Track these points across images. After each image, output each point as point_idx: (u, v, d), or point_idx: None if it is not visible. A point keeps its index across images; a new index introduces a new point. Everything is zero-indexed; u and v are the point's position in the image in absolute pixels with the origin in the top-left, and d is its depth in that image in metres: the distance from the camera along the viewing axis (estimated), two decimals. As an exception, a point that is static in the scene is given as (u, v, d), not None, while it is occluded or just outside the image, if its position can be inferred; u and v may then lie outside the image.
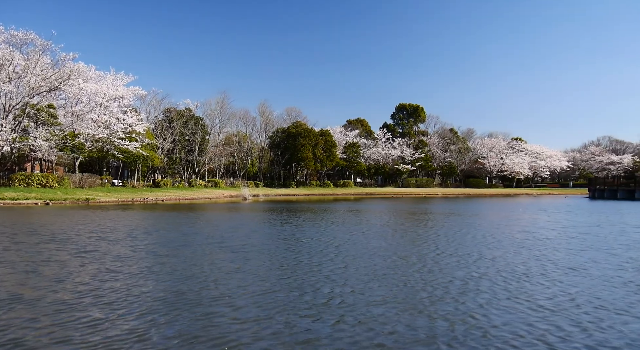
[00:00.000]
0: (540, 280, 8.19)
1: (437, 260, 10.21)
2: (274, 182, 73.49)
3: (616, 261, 10.23)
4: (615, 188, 59.06)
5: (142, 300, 6.68)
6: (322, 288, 7.53)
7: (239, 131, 77.45)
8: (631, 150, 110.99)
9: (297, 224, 18.53)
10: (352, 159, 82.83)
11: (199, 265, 9.42)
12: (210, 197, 48.71)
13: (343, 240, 13.59)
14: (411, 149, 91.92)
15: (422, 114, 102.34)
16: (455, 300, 6.80)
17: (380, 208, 32.49)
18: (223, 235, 14.48)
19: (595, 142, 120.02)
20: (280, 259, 10.19)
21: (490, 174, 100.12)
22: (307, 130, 73.25)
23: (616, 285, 7.87)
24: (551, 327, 5.60)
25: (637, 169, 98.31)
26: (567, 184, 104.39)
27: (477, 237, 14.32)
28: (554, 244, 13.03)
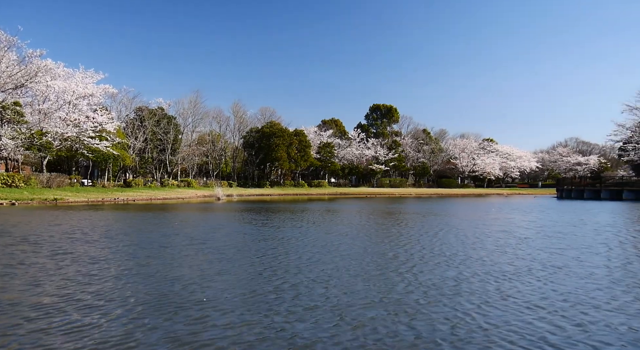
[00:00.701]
0: (531, 280, 8.21)
1: (425, 260, 10.17)
2: (248, 182, 72.95)
3: (600, 260, 10.37)
4: (582, 188, 60.68)
5: (126, 304, 6.40)
6: (314, 289, 7.36)
7: (212, 131, 76.62)
8: (597, 152, 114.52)
9: (277, 225, 18.29)
10: (326, 159, 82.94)
11: (182, 267, 9.13)
12: (183, 197, 47.96)
13: (327, 240, 13.44)
14: (385, 149, 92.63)
15: (395, 114, 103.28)
16: (451, 300, 6.74)
17: (357, 208, 32.50)
18: (203, 236, 14.14)
19: (563, 143, 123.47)
20: (266, 260, 9.97)
21: (462, 174, 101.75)
22: (282, 130, 72.99)
23: (608, 284, 7.94)
24: (552, 326, 5.58)
25: (602, 169, 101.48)
26: (536, 184, 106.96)
27: (459, 237, 14.37)
28: (536, 243, 13.17)
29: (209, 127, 76.81)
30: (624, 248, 12.40)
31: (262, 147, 71.82)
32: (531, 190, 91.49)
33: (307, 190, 71.88)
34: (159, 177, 61.68)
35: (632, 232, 16.50)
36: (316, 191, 71.81)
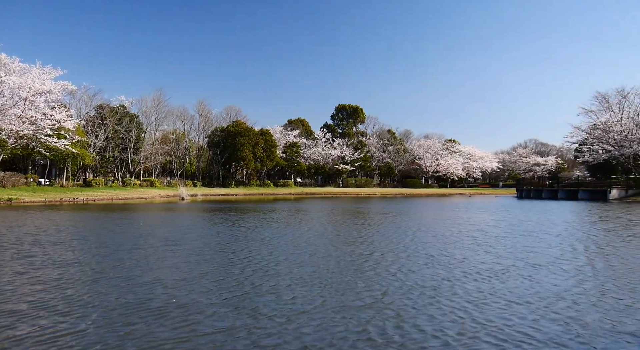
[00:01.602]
0: (521, 278, 8.34)
1: (412, 260, 10.17)
2: (213, 182, 72.09)
3: (583, 259, 10.64)
4: (541, 188, 62.64)
5: (101, 309, 6.09)
6: (305, 291, 7.20)
7: (176, 129, 75.23)
8: (554, 153, 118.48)
9: (251, 225, 17.95)
10: (292, 158, 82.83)
11: (156, 270, 8.80)
12: (145, 197, 47.02)
13: (305, 240, 13.36)
14: (351, 150, 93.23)
15: (361, 114, 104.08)
16: (450, 299, 6.74)
17: (327, 208, 32.49)
18: (175, 237, 13.77)
19: (522, 145, 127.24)
20: (247, 261, 9.76)
21: (427, 174, 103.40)
22: (247, 130, 72.45)
23: (599, 283, 8.13)
24: (553, 324, 5.63)
25: (559, 170, 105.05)
26: (498, 184, 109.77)
27: (438, 237, 14.51)
28: (514, 242, 13.45)
29: (173, 125, 75.46)
30: (599, 246, 12.80)
31: (227, 147, 71.09)
32: (492, 190, 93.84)
33: (273, 190, 71.61)
34: (121, 176, 60.20)
35: (601, 231, 17.09)
36: (282, 191, 71.62)
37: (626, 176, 57.49)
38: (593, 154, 60.85)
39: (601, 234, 15.76)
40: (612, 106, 60.10)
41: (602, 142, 59.85)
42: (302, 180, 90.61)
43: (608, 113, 60.67)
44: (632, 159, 57.41)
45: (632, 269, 9.24)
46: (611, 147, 58.12)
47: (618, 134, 57.92)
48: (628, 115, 58.79)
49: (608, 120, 59.78)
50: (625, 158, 57.36)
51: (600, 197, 50.88)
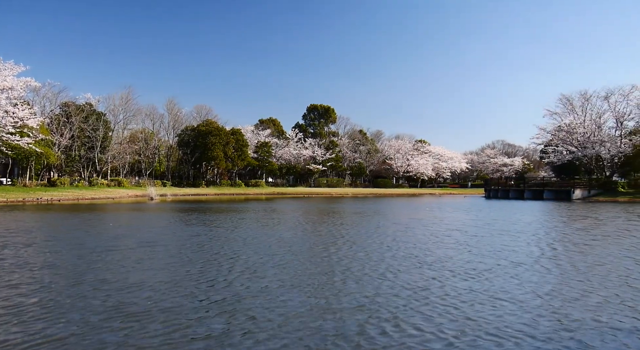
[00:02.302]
0: (508, 277, 8.48)
1: (398, 260, 10.19)
2: (183, 182, 71.01)
3: (564, 257, 10.88)
4: (508, 188, 64.15)
5: (81, 315, 5.82)
6: (297, 292, 7.10)
7: (145, 128, 73.74)
8: (521, 154, 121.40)
9: (228, 226, 17.73)
10: (263, 158, 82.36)
11: (136, 272, 8.51)
12: (113, 197, 45.99)
13: (288, 240, 13.27)
14: (322, 150, 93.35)
15: (333, 115, 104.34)
16: (443, 299, 6.76)
17: (302, 207, 32.41)
18: (151, 238, 13.43)
19: (490, 145, 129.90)
20: (229, 262, 9.56)
21: (397, 174, 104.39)
22: (218, 129, 71.66)
23: (588, 281, 8.32)
24: (553, 322, 5.71)
25: (526, 170, 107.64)
26: (466, 184, 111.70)
27: (419, 237, 14.61)
28: (493, 241, 13.71)
29: (142, 124, 73.93)
30: (575, 244, 13.14)
31: (197, 146, 70.15)
32: (461, 190, 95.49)
33: (244, 190, 71.05)
34: (87, 176, 58.68)
35: (574, 230, 17.63)
36: (253, 191, 71.11)
37: (588, 177, 59.45)
38: (558, 155, 62.61)
39: (575, 233, 16.21)
40: (575, 108, 62.03)
41: (566, 144, 61.65)
42: (273, 180, 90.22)
43: (572, 115, 62.61)
44: (594, 160, 59.35)
45: (610, 269, 9.51)
46: (575, 149, 59.95)
47: (581, 135, 59.77)
48: (590, 117, 60.75)
49: (572, 122, 61.65)
50: (588, 159, 59.27)
51: (564, 197, 52.42)
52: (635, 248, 12.31)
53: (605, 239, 14.17)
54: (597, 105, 60.54)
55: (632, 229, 17.47)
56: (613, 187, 52.41)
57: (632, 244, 13.03)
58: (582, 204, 40.76)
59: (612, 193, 50.50)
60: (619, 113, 58.38)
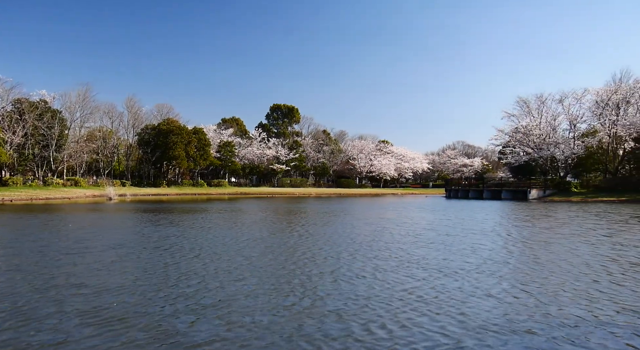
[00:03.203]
0: (494, 276, 8.64)
1: (384, 260, 10.18)
2: (143, 182, 69.40)
3: (545, 256, 11.15)
4: (468, 188, 65.70)
5: (59, 321, 5.55)
6: (289, 295, 6.99)
7: (103, 127, 71.63)
8: (480, 154, 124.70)
9: (203, 226, 17.39)
10: (226, 158, 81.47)
11: (116, 275, 8.19)
12: (69, 197, 44.50)
13: (266, 242, 13.11)
14: (286, 149, 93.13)
15: (296, 114, 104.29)
16: (438, 298, 6.80)
17: (269, 207, 32.15)
18: (117, 240, 12.99)
19: (451, 146, 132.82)
20: (207, 264, 9.36)
21: (361, 174, 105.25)
22: (180, 128, 70.42)
23: (576, 278, 8.54)
24: (551, 318, 5.82)
25: (485, 171, 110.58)
26: (428, 185, 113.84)
27: (395, 236, 14.71)
28: (469, 240, 13.99)
29: (100, 122, 71.72)
30: (550, 243, 13.52)
31: (158, 145, 68.72)
32: (423, 190, 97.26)
33: (206, 190, 70.07)
34: (42, 175, 56.53)
35: (543, 229, 18.21)
36: (216, 191, 70.25)
37: (544, 177, 61.54)
38: (515, 156, 64.49)
39: (545, 232, 16.64)
40: (532, 111, 64.13)
41: (523, 145, 63.60)
42: (236, 180, 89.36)
43: (528, 117, 64.66)
44: (549, 161, 61.51)
45: (590, 265, 9.85)
46: (531, 150, 61.92)
47: (537, 137, 61.83)
48: (546, 119, 62.93)
49: (528, 124, 63.66)
50: (543, 160, 61.35)
51: (521, 197, 54.06)
52: (605, 245, 12.81)
53: (572, 238, 14.65)
54: (552, 108, 62.89)
55: (598, 228, 18.17)
56: (567, 187, 54.38)
57: (604, 242, 13.56)
58: (538, 203, 42.16)
59: (566, 193, 52.41)
60: (573, 116, 60.75)
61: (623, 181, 51.42)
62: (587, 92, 58.48)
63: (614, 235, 15.08)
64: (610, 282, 8.06)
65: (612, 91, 55.01)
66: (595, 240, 13.82)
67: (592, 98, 58.10)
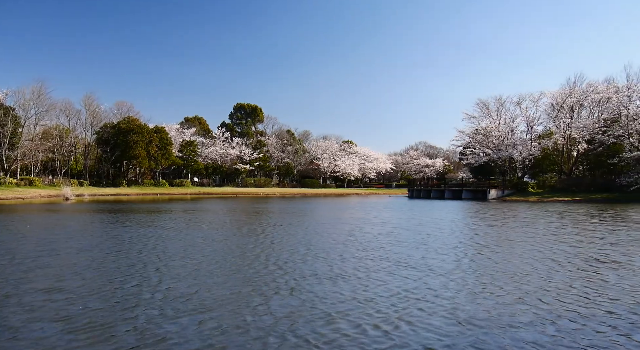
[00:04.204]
0: (485, 276, 8.83)
1: (377, 262, 10.21)
2: (102, 181, 67.49)
3: (527, 254, 11.44)
4: (429, 188, 66.97)
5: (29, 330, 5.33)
6: (278, 298, 6.92)
7: (59, 124, 69.25)
8: (442, 155, 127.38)
9: (173, 227, 16.98)
10: (189, 157, 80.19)
11: (74, 280, 7.91)
12: (23, 197, 42.84)
13: (240, 243, 12.92)
14: (250, 149, 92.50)
15: (260, 114, 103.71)
16: (438, 296, 6.90)
17: (236, 208, 31.80)
18: (90, 242, 12.53)
19: (414, 147, 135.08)
20: (176, 266, 9.16)
21: (325, 174, 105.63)
22: (140, 127, 68.86)
23: (560, 275, 8.76)
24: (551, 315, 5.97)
25: (446, 171, 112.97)
26: (391, 185, 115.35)
27: (378, 236, 14.79)
28: (453, 241, 14.25)
29: (57, 120, 69.19)
30: (530, 243, 13.93)
31: (118, 144, 66.97)
32: (386, 190, 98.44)
33: (168, 190, 68.77)
34: (-7, 175, 54.31)
35: (515, 228, 18.75)
36: (178, 191, 69.03)
37: (503, 177, 63.39)
38: (475, 157, 66.10)
39: (520, 231, 17.11)
40: (491, 113, 66.00)
41: (483, 146, 65.31)
42: (199, 180, 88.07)
43: (488, 119, 66.51)
44: (507, 162, 63.38)
45: (561, 263, 10.17)
46: (490, 151, 63.66)
47: (496, 138, 63.65)
48: (505, 121, 64.89)
49: (488, 125, 65.48)
50: (502, 161, 63.19)
51: (481, 196, 55.44)
52: (573, 242, 13.30)
53: (543, 236, 15.15)
54: (511, 110, 64.98)
55: (566, 226, 18.88)
56: (524, 187, 56.14)
57: (567, 240, 14.08)
58: (498, 203, 43.36)
59: (523, 193, 54.10)
60: (530, 118, 62.96)
61: (577, 182, 53.53)
62: (544, 95, 60.67)
63: (581, 233, 15.74)
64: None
65: (566, 94, 57.19)
66: (569, 239, 14.35)
67: (548, 101, 60.36)
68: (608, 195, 46.07)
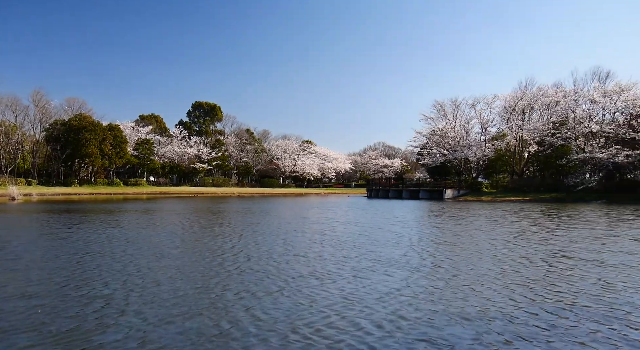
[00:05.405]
0: (470, 274, 8.95)
1: (361, 263, 10.21)
2: (52, 180, 64.80)
3: (506, 252, 11.69)
4: (388, 189, 67.91)
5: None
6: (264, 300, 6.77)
7: (5, 121, 65.95)
8: (400, 156, 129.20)
9: (131, 227, 16.43)
10: (145, 156, 78.09)
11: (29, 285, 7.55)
12: (-36, 197, 40.61)
13: (215, 244, 12.68)
14: (208, 148, 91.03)
15: (219, 113, 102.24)
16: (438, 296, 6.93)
17: (198, 208, 31.27)
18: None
19: (372, 147, 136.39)
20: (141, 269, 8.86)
21: (284, 174, 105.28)
22: (93, 124, 66.50)
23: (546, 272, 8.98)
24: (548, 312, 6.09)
25: (404, 171, 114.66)
26: (350, 185, 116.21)
27: (352, 236, 14.80)
28: (436, 238, 14.44)
29: (2, 116, 66.06)
30: (504, 242, 14.23)
31: (69, 142, 64.40)
32: (345, 190, 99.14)
33: (122, 189, 66.76)
34: None
35: (482, 227, 19.20)
36: (133, 190, 67.17)
37: (458, 178, 64.95)
38: (432, 157, 67.43)
39: (489, 229, 17.61)
40: (447, 114, 67.54)
41: (439, 147, 66.71)
42: (155, 179, 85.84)
43: (444, 120, 68.03)
44: (463, 163, 65.00)
45: (534, 261, 10.50)
46: (447, 152, 65.10)
47: (452, 139, 65.16)
48: (460, 123, 66.52)
49: (444, 126, 66.97)
50: (458, 161, 64.74)
51: (437, 196, 56.61)
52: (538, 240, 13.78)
53: (512, 233, 15.65)
54: (466, 112, 66.70)
55: (537, 225, 19.58)
56: (478, 187, 57.69)
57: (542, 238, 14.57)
58: (453, 202, 44.36)
59: (478, 193, 55.56)
60: (484, 120, 64.74)
61: (527, 182, 55.44)
62: (497, 98, 62.54)
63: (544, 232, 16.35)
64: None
65: (518, 98, 59.16)
66: (536, 237, 14.88)
67: (501, 104, 62.22)
68: (557, 195, 47.90)
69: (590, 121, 51.95)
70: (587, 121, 52.07)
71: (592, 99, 52.54)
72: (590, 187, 47.43)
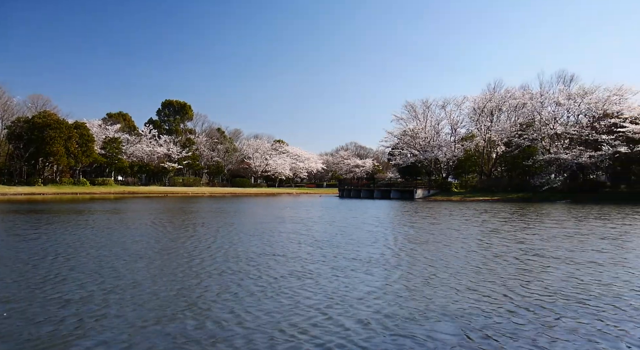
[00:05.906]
0: (456, 274, 9.05)
1: (353, 263, 10.21)
2: (14, 179, 62.72)
3: (492, 251, 11.90)
4: (360, 188, 68.41)
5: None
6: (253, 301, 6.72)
7: (-36, 117, 63.67)
8: (372, 156, 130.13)
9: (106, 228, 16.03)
10: (112, 155, 76.36)
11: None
12: None
13: (197, 245, 12.49)
14: (178, 147, 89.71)
15: (189, 111, 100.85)
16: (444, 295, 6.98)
17: (171, 208, 30.74)
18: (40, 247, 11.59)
19: (344, 147, 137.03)
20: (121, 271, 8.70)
21: (256, 174, 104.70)
22: (58, 122, 64.61)
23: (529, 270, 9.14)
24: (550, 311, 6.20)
25: (376, 171, 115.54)
26: (322, 184, 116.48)
27: (337, 236, 14.79)
28: (410, 237, 14.59)
29: (-40, 112, 63.72)
30: (487, 241, 14.43)
31: (33, 140, 62.38)
32: (317, 190, 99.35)
33: (89, 189, 65.11)
34: None
35: (462, 226, 19.51)
36: (100, 190, 65.58)
37: (429, 178, 65.88)
38: (403, 158, 68.07)
39: (462, 228, 17.89)
40: (418, 115, 68.28)
41: (410, 147, 67.45)
42: (124, 178, 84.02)
43: (415, 121, 68.75)
44: (433, 163, 65.95)
45: (508, 259, 10.74)
46: (417, 152, 65.90)
47: (423, 140, 66.00)
48: (431, 123, 67.42)
49: (415, 127, 67.71)
50: (428, 162, 65.65)
51: (408, 196, 57.33)
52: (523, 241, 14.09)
53: (489, 233, 15.99)
54: (436, 113, 67.62)
55: (508, 224, 20.01)
56: (448, 187, 58.66)
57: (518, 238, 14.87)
58: (424, 202, 44.99)
59: (447, 193, 56.49)
60: (454, 121, 65.83)
61: (496, 182, 56.71)
62: (466, 99, 63.69)
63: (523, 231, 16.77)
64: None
65: (487, 99, 60.40)
66: (510, 236, 15.25)
67: (470, 105, 63.36)
68: (523, 195, 49.14)
69: (556, 123, 53.56)
70: (552, 123, 53.64)
71: (557, 102, 54.08)
72: (555, 187, 48.82)
